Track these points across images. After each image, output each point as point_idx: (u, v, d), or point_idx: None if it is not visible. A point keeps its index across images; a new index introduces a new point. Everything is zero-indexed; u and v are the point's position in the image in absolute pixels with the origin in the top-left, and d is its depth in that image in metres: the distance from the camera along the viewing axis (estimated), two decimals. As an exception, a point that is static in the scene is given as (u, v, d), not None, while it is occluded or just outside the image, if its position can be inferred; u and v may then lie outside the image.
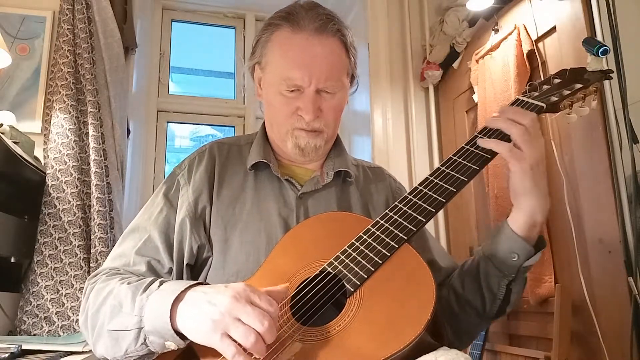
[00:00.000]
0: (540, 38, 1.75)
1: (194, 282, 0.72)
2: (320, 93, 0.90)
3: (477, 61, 2.04)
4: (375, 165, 1.11)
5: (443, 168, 0.81)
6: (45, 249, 1.71)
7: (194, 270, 0.90)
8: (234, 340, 0.62)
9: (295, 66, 0.88)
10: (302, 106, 0.89)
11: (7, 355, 1.18)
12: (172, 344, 0.70)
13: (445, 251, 1.03)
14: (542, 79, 0.93)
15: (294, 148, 0.93)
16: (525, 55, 1.76)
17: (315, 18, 0.89)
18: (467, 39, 2.19)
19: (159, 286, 0.73)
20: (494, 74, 1.89)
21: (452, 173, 0.79)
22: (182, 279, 0.88)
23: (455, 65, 2.26)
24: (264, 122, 1.03)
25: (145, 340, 0.71)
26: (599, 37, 1.48)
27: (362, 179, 1.03)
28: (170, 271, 0.86)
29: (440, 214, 2.27)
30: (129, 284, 0.76)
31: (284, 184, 0.94)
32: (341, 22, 0.93)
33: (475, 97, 2.05)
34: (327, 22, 0.90)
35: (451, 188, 0.77)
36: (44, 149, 1.85)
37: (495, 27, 1.95)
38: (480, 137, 0.82)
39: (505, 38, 1.86)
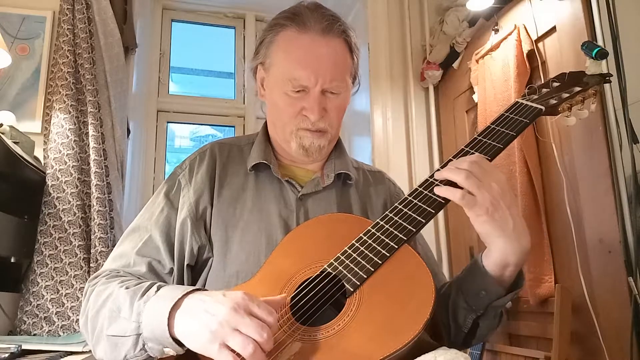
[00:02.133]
0: (540, 38, 1.75)
1: (192, 287, 0.71)
2: (325, 93, 0.90)
3: (477, 61, 2.04)
4: (375, 168, 1.11)
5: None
6: (45, 249, 1.71)
7: (195, 271, 0.89)
8: (233, 351, 0.61)
9: (301, 66, 0.88)
10: (308, 106, 0.89)
11: (7, 355, 1.18)
12: (171, 351, 0.70)
13: (432, 263, 1.01)
14: (542, 81, 0.94)
15: (298, 148, 0.93)
16: (525, 55, 1.76)
17: (320, 19, 0.90)
18: (467, 39, 2.19)
19: (156, 291, 0.72)
20: (494, 74, 1.89)
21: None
22: (183, 280, 0.87)
23: (455, 65, 2.26)
24: (265, 122, 1.03)
25: (144, 346, 0.70)
26: (599, 38, 1.48)
27: (362, 182, 1.03)
28: (171, 272, 0.86)
29: (440, 214, 2.27)
30: (127, 288, 0.75)
31: (284, 185, 0.94)
32: (345, 23, 0.93)
33: (475, 97, 2.05)
34: (332, 23, 0.90)
35: (451, 189, 0.77)
36: (44, 149, 1.85)
37: (495, 27, 1.95)
38: (438, 185, 0.78)
39: (505, 38, 1.86)
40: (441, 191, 0.76)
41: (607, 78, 0.96)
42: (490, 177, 0.74)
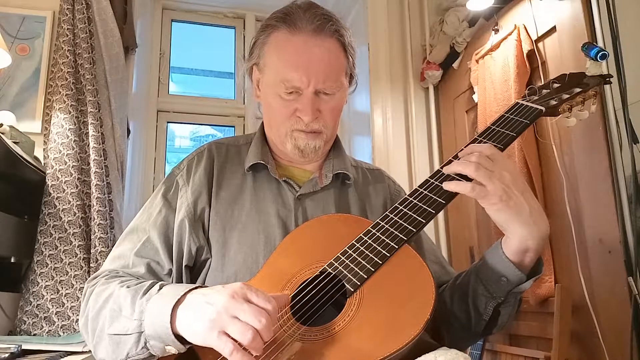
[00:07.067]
0: (540, 38, 1.75)
1: (194, 285, 0.71)
2: (319, 94, 0.89)
3: (477, 61, 2.04)
4: (374, 167, 1.11)
5: (443, 170, 0.81)
6: (45, 249, 1.71)
7: (193, 272, 0.89)
8: (232, 338, 0.62)
9: (293, 68, 0.87)
10: (301, 108, 0.89)
11: (7, 355, 1.18)
12: (173, 349, 0.70)
13: (438, 256, 1.01)
14: (542, 81, 0.94)
15: (293, 149, 0.93)
16: (525, 55, 1.76)
17: (312, 19, 0.88)
18: (467, 39, 2.19)
19: (158, 290, 0.72)
20: (494, 74, 1.89)
21: (453, 175, 0.79)
22: (182, 281, 0.87)
23: (455, 65, 2.26)
24: (262, 123, 1.03)
25: (146, 344, 0.70)
26: (599, 38, 1.48)
27: (360, 181, 1.02)
28: (169, 272, 0.86)
29: (440, 214, 2.27)
30: (128, 287, 0.76)
31: (282, 185, 0.94)
32: (339, 22, 0.92)
33: (475, 97, 2.05)
34: (324, 22, 0.89)
35: (451, 189, 0.77)
36: (44, 149, 1.85)
37: (495, 27, 1.95)
38: (444, 181, 0.78)
39: (505, 38, 1.86)
40: (450, 186, 0.76)
41: (608, 79, 0.96)
42: (500, 165, 0.74)
